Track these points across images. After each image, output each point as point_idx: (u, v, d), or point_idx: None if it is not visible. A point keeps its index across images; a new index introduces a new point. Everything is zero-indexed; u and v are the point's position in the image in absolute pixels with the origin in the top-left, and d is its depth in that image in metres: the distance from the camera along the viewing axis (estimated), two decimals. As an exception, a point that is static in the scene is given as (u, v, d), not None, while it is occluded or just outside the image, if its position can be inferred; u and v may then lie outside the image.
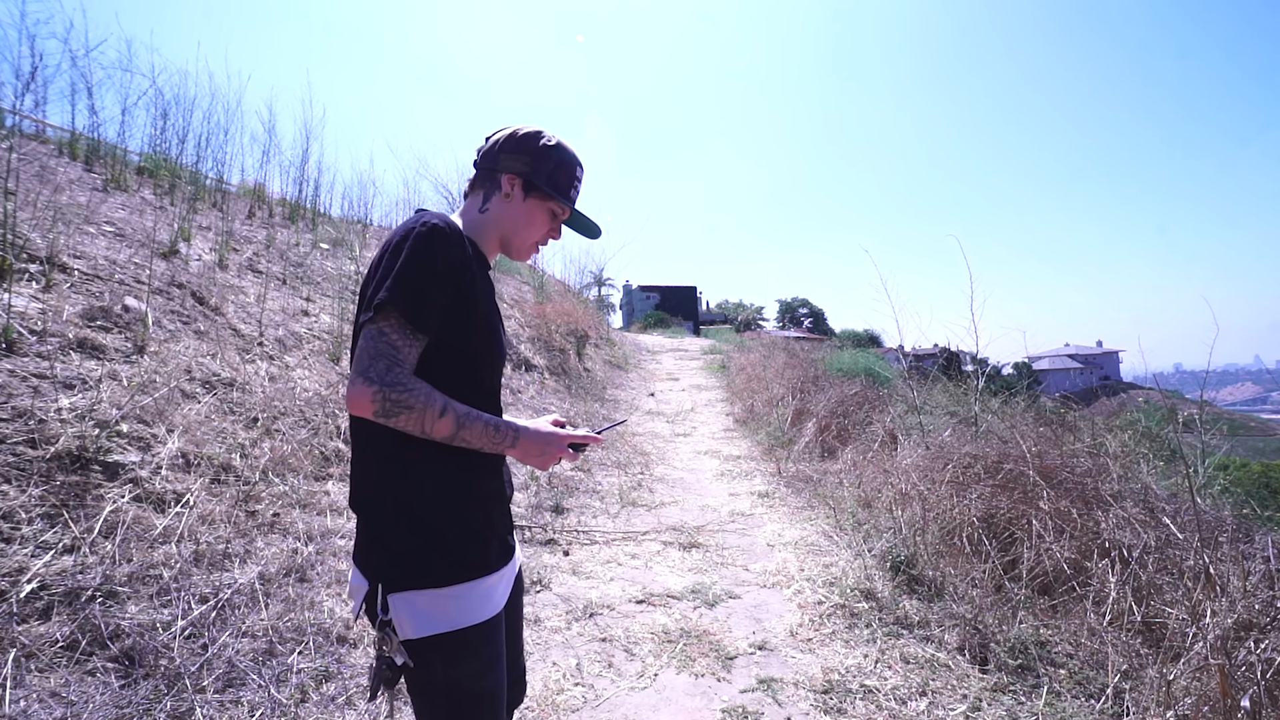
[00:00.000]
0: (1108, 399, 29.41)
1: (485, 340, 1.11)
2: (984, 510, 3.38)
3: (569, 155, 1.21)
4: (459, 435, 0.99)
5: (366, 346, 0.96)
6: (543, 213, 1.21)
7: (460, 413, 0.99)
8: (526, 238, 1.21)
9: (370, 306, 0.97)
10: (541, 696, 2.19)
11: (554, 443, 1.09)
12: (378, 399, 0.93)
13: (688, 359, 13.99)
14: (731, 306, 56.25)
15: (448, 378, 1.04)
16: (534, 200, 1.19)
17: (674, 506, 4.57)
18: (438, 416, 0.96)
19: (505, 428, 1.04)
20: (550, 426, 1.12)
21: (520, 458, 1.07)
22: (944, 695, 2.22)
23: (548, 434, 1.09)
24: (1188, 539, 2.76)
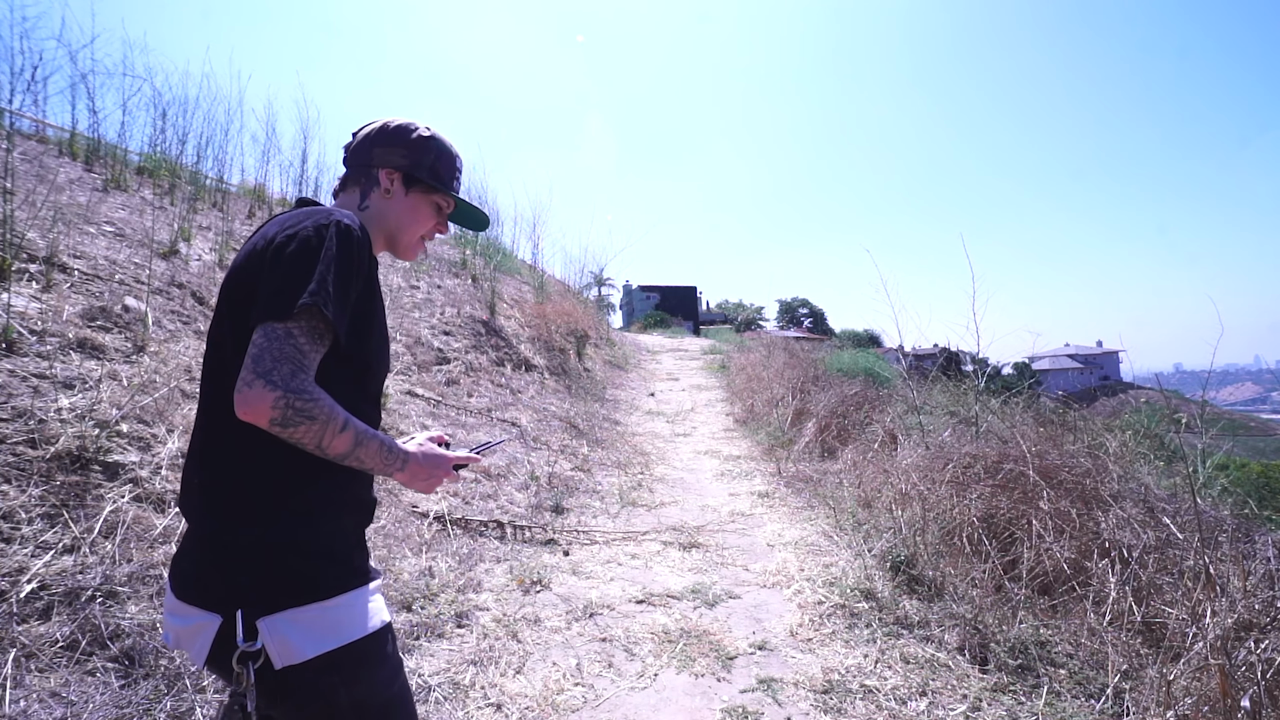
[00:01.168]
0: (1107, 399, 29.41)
1: (381, 348, 1.07)
2: (984, 510, 3.38)
3: (447, 146, 1.17)
4: (354, 454, 0.91)
5: (269, 348, 0.85)
6: (427, 207, 1.16)
7: (359, 430, 0.90)
8: (412, 234, 1.16)
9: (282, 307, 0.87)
10: (541, 696, 2.19)
11: (441, 465, 1.03)
12: (279, 406, 0.83)
13: (688, 359, 13.99)
14: (731, 306, 56.23)
15: (340, 386, 0.95)
16: (417, 194, 1.14)
17: (674, 506, 4.57)
18: (338, 432, 0.87)
19: (398, 451, 0.97)
20: (435, 448, 1.05)
21: (406, 482, 1.01)
22: (944, 695, 2.22)
23: (436, 456, 1.03)
24: (1188, 539, 2.76)
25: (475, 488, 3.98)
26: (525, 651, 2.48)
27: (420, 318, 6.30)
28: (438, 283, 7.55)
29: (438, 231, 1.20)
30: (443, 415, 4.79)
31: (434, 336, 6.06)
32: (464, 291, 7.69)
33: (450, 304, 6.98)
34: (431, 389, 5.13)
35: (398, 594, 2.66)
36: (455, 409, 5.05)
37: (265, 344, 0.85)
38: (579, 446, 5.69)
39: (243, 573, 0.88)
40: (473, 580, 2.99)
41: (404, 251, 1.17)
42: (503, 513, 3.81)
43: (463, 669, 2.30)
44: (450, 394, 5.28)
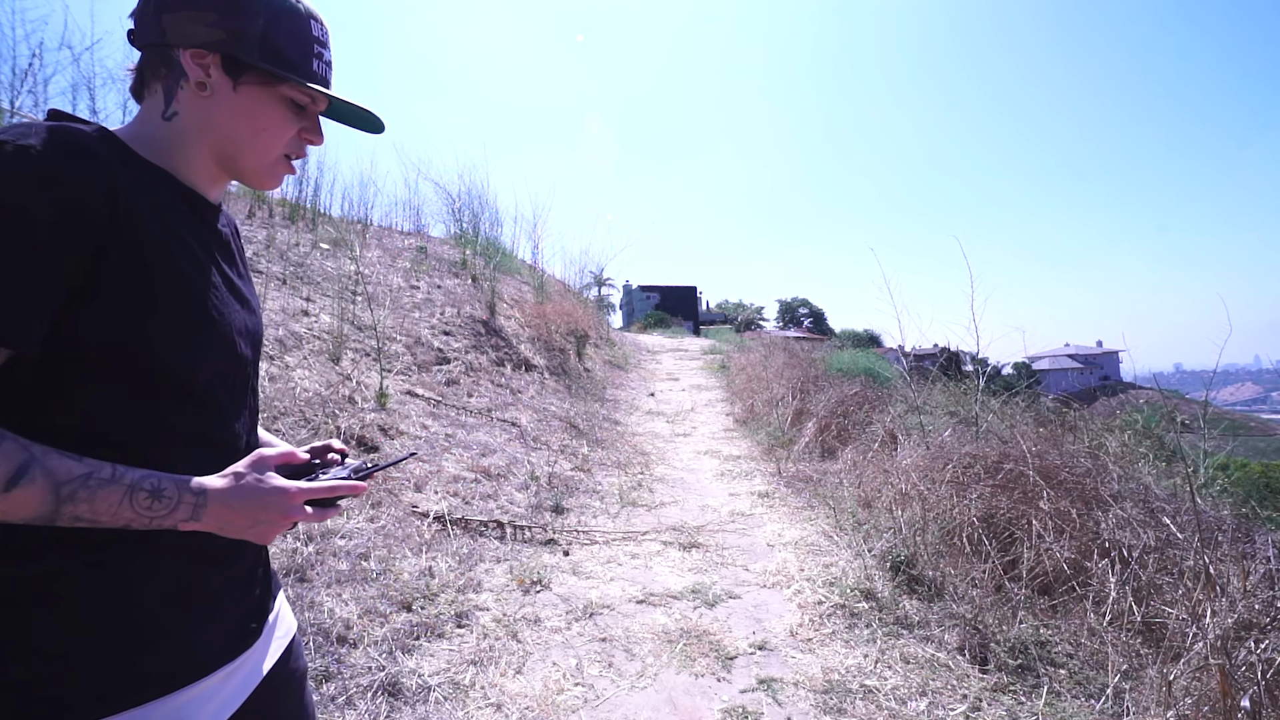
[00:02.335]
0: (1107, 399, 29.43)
1: (188, 336, 0.68)
2: (984, 510, 3.38)
3: (287, 3, 0.75)
4: (63, 512, 0.57)
5: None
6: (275, 107, 0.76)
7: (64, 476, 0.57)
8: (261, 152, 0.77)
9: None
10: (541, 696, 2.19)
11: (273, 505, 0.66)
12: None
13: (688, 359, 13.99)
14: (731, 306, 56.26)
15: (109, 409, 0.63)
16: (252, 89, 0.73)
17: (674, 506, 4.57)
18: (9, 484, 0.55)
19: (176, 491, 0.62)
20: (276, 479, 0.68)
21: (219, 532, 0.66)
22: (944, 695, 2.22)
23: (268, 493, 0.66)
24: (1188, 539, 2.76)
25: (475, 488, 3.98)
26: (525, 651, 2.48)
27: (420, 318, 6.30)
28: (438, 283, 7.55)
29: (308, 143, 0.82)
30: (443, 415, 4.79)
31: (434, 336, 6.06)
32: (464, 291, 7.69)
33: (450, 304, 6.98)
34: (431, 389, 5.13)
35: (398, 594, 2.67)
36: (455, 409, 5.05)
37: None
38: (579, 446, 5.69)
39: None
40: (473, 580, 2.99)
41: (254, 178, 0.79)
42: (503, 513, 3.81)
43: (463, 669, 2.30)
44: (450, 394, 5.28)
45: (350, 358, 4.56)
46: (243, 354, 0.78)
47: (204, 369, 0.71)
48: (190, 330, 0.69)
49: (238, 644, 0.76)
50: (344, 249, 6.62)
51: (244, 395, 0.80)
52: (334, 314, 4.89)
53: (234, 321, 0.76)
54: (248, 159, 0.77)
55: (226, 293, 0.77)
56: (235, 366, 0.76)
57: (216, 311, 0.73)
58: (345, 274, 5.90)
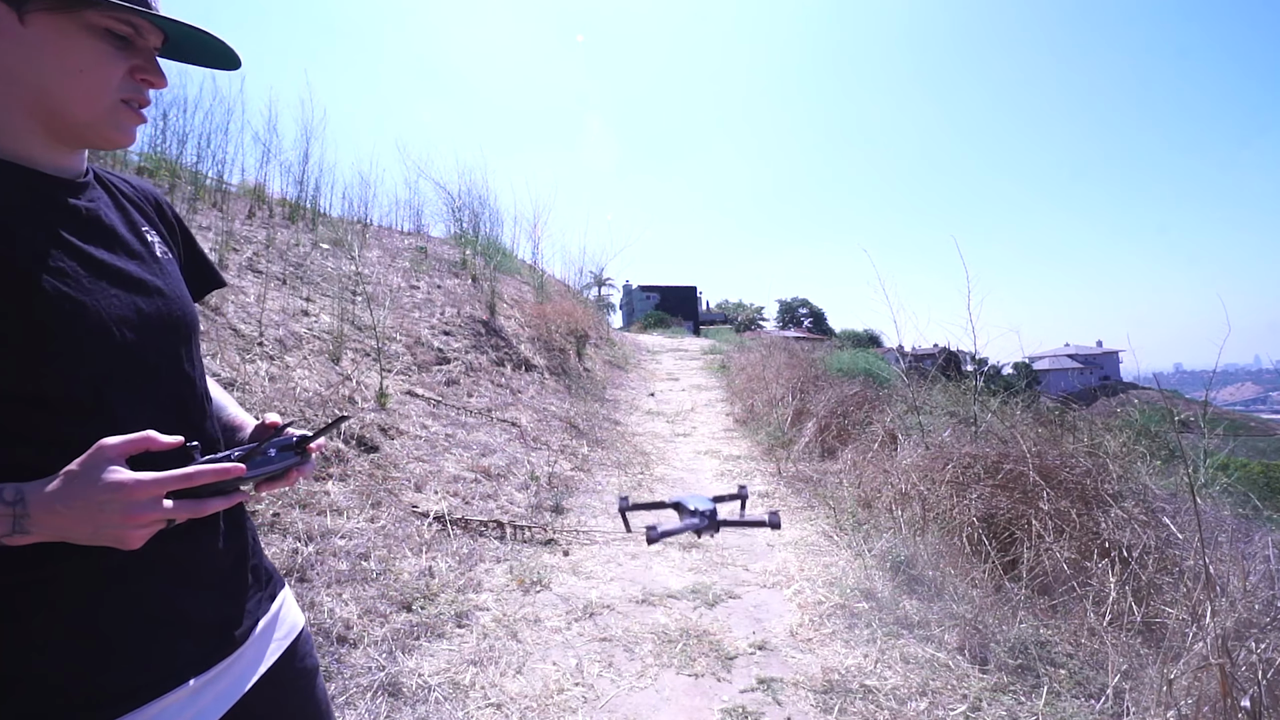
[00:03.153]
0: (1107, 399, 29.42)
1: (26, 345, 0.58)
2: (984, 510, 3.38)
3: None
4: None
5: None
6: (82, 39, 0.63)
7: None
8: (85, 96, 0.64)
9: None
10: (541, 696, 2.19)
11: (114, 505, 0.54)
12: None
13: (688, 359, 13.99)
14: (731, 306, 56.27)
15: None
16: (43, 18, 0.60)
17: (674, 506, 4.56)
18: None
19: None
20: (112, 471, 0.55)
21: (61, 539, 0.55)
22: (944, 695, 2.22)
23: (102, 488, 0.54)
24: (1188, 539, 2.76)
25: (475, 488, 3.98)
26: (525, 651, 2.48)
27: (420, 318, 6.30)
28: (438, 283, 7.55)
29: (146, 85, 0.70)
30: (443, 415, 4.79)
31: (434, 336, 6.06)
32: (464, 291, 7.69)
33: (450, 304, 6.98)
34: (431, 389, 5.13)
35: (398, 594, 2.67)
36: (455, 409, 5.05)
37: None
38: (579, 446, 5.69)
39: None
40: (473, 580, 2.99)
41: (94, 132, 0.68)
42: (503, 513, 3.81)
43: (463, 669, 2.30)
44: (450, 394, 5.28)
45: (350, 358, 4.56)
46: (127, 343, 0.65)
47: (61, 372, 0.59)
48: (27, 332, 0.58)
49: (213, 653, 0.71)
50: (344, 249, 6.62)
51: (152, 389, 0.68)
52: (334, 314, 4.89)
53: (107, 309, 0.64)
54: (75, 107, 0.64)
55: (90, 279, 0.64)
56: (121, 360, 0.65)
57: (71, 303, 0.61)
58: (345, 274, 5.90)
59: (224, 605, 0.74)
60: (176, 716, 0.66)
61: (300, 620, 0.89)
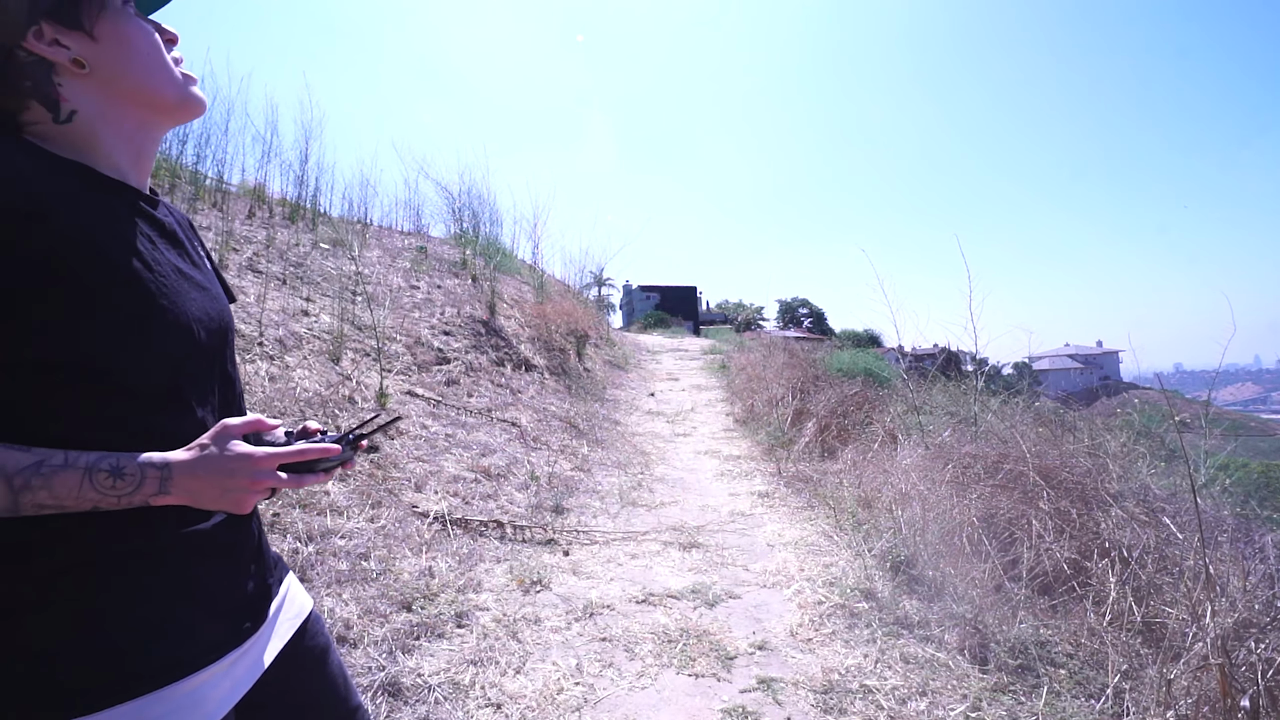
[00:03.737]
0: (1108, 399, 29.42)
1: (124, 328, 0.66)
2: (984, 510, 3.38)
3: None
4: (23, 502, 0.58)
5: None
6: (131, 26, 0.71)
7: (15, 467, 0.58)
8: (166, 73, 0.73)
9: None
10: (541, 696, 2.19)
11: (239, 472, 0.67)
12: None
13: (688, 359, 14.00)
14: (731, 306, 56.26)
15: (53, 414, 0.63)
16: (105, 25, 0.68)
17: (674, 506, 4.57)
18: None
19: (138, 469, 0.62)
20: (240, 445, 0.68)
21: (192, 504, 0.67)
22: (944, 695, 2.22)
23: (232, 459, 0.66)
24: (1188, 539, 2.76)
25: (475, 488, 3.98)
26: (525, 651, 2.48)
27: (420, 318, 6.30)
28: (438, 283, 7.55)
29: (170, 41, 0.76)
30: (443, 415, 4.79)
31: (434, 336, 6.06)
32: (464, 291, 7.69)
33: (450, 304, 6.99)
34: (431, 389, 5.13)
35: (398, 594, 2.67)
36: (455, 409, 5.05)
37: None
38: (579, 446, 5.69)
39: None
40: (473, 580, 2.99)
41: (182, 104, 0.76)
42: (503, 513, 3.81)
43: (463, 669, 2.30)
44: (450, 394, 5.28)
45: (350, 358, 4.56)
46: (201, 341, 0.75)
47: (155, 361, 0.68)
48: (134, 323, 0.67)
49: (239, 633, 0.77)
50: (344, 249, 6.62)
51: (210, 383, 0.78)
52: (334, 314, 4.89)
53: (188, 309, 0.73)
54: (166, 90, 0.73)
55: (174, 280, 0.73)
56: (195, 354, 0.74)
57: (164, 300, 0.70)
58: (345, 274, 5.90)
59: (244, 591, 0.80)
60: (214, 688, 0.71)
61: (309, 602, 0.95)
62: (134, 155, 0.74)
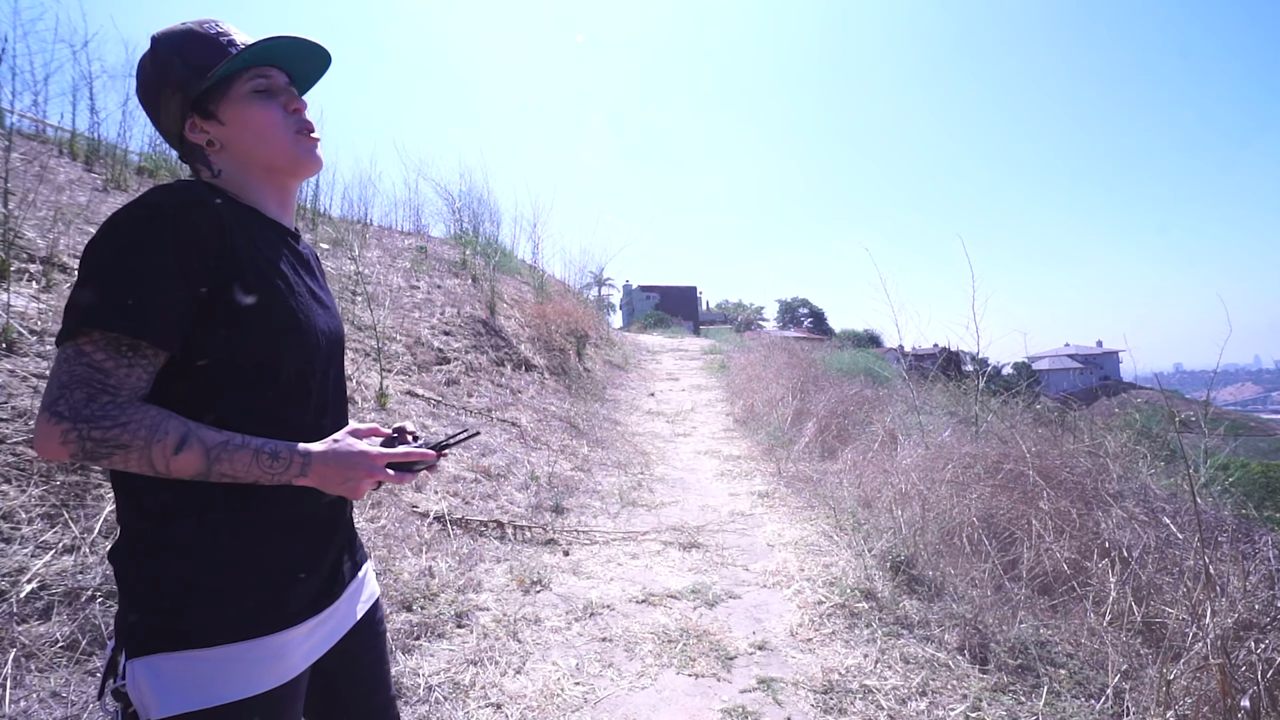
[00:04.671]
0: (1108, 399, 29.42)
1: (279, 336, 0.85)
2: (984, 510, 3.38)
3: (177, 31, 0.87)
4: (214, 470, 0.76)
5: (57, 374, 0.73)
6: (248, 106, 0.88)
7: (212, 443, 0.75)
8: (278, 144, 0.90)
9: (66, 324, 0.74)
10: (541, 696, 2.19)
11: (359, 465, 0.84)
12: (71, 439, 0.71)
13: (688, 359, 13.99)
14: (731, 306, 56.24)
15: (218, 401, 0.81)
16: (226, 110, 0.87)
17: (674, 506, 4.56)
18: (172, 453, 0.73)
19: (289, 453, 0.80)
20: (359, 444, 0.85)
21: (321, 487, 0.84)
22: (944, 695, 2.22)
23: (353, 455, 0.84)
24: (1188, 539, 2.76)
25: (475, 488, 3.98)
26: (525, 651, 2.48)
27: (420, 318, 6.30)
28: (438, 283, 7.55)
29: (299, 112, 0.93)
30: (443, 415, 4.79)
31: (434, 336, 6.06)
32: (464, 291, 7.69)
33: (450, 304, 6.98)
34: (431, 389, 5.13)
35: (398, 594, 2.67)
36: (455, 409, 5.05)
37: (54, 369, 0.74)
38: (579, 446, 5.69)
39: (128, 609, 0.79)
40: (473, 580, 2.99)
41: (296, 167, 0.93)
42: (503, 513, 3.81)
43: (463, 669, 2.30)
44: (450, 394, 5.28)
45: (350, 358, 4.56)
46: (323, 349, 0.93)
47: (290, 361, 0.86)
48: (282, 329, 0.86)
49: (324, 599, 0.92)
50: (344, 249, 6.62)
51: (327, 383, 0.95)
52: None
53: (315, 323, 0.92)
54: (278, 157, 0.91)
55: (309, 300, 0.92)
56: (318, 359, 0.92)
57: (302, 314, 0.89)
58: (345, 274, 5.90)
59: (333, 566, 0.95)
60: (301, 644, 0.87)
61: (378, 590, 1.11)
62: (276, 201, 0.94)
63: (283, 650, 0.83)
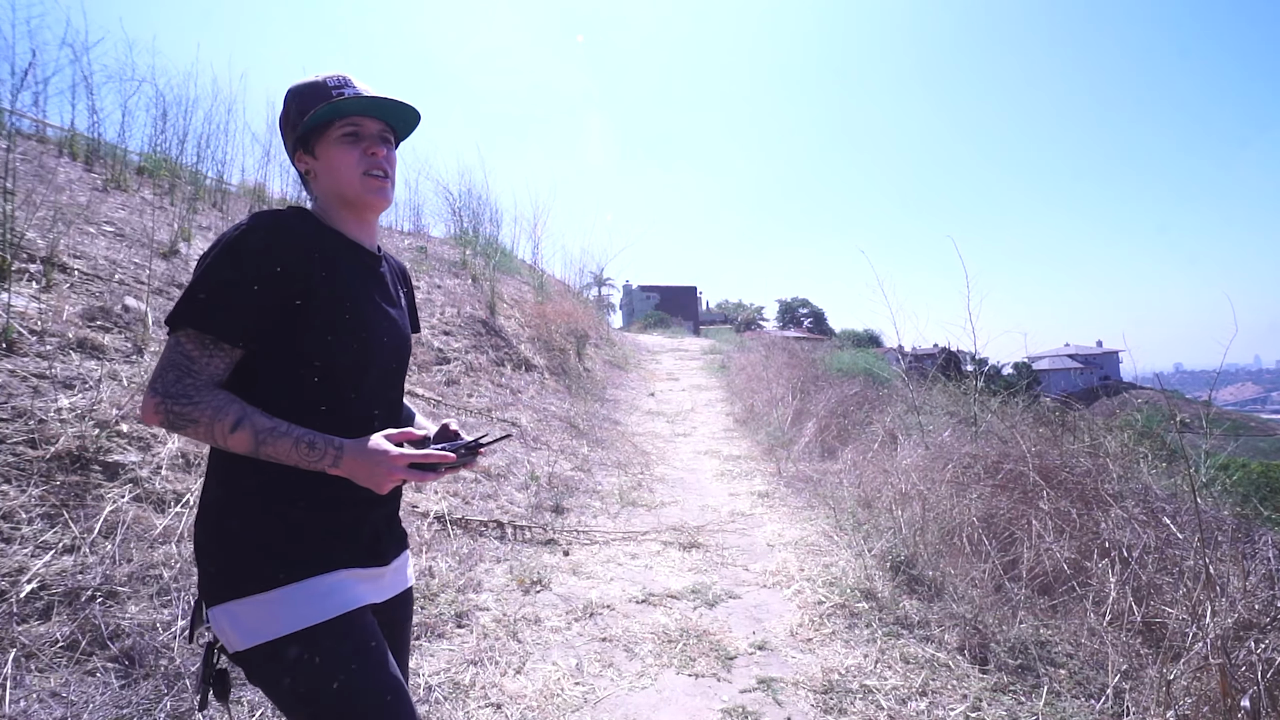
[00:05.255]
0: (1108, 399, 29.40)
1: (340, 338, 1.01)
2: (984, 510, 3.38)
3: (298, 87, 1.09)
4: (261, 450, 0.92)
5: (162, 357, 0.94)
6: (337, 147, 1.06)
7: (261, 428, 0.92)
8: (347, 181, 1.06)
9: (170, 318, 0.94)
10: (541, 696, 2.19)
11: (382, 464, 0.96)
12: (161, 410, 0.91)
13: (688, 359, 13.99)
14: (731, 306, 56.22)
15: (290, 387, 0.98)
16: (321, 148, 1.06)
17: (674, 506, 4.56)
18: (229, 431, 0.91)
19: (324, 445, 0.94)
20: (384, 444, 0.97)
21: (350, 478, 0.97)
22: (944, 695, 2.22)
23: (377, 453, 0.96)
24: (1188, 539, 2.76)
25: (475, 488, 3.98)
26: (525, 651, 2.48)
27: (420, 318, 6.31)
28: (438, 282, 7.55)
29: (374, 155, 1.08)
30: (442, 415, 4.79)
31: (434, 336, 6.05)
32: (464, 291, 7.69)
33: (450, 304, 6.98)
34: (431, 389, 5.13)
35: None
36: (455, 409, 5.05)
37: (162, 353, 0.94)
38: (579, 446, 5.69)
39: (205, 566, 0.98)
40: (473, 580, 2.99)
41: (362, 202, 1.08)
42: (503, 513, 3.81)
43: (463, 669, 2.30)
44: (450, 394, 5.28)
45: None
46: (383, 352, 1.09)
47: (349, 359, 1.02)
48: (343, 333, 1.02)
49: (369, 559, 1.07)
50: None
51: (383, 386, 1.11)
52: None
53: (380, 334, 1.08)
54: (347, 191, 1.07)
55: (374, 313, 1.08)
56: (374, 360, 1.07)
57: (360, 321, 1.04)
58: (345, 274, 5.90)
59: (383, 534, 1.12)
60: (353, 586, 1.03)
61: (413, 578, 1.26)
62: (356, 226, 1.11)
63: (331, 589, 0.99)
